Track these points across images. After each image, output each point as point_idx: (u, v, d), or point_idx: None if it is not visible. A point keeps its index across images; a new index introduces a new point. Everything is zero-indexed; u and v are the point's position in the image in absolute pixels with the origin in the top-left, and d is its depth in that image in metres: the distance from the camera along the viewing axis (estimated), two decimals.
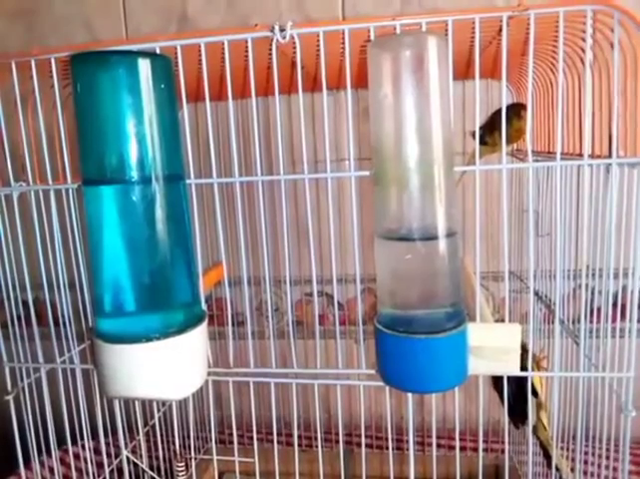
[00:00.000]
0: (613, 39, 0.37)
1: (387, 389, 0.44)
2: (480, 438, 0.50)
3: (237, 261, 0.47)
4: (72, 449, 0.54)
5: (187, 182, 0.43)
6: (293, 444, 0.53)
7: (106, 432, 0.54)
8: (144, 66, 0.38)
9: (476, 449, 0.71)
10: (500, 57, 0.39)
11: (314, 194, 0.72)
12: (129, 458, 0.55)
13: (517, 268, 0.67)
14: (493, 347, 0.41)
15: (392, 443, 0.48)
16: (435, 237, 0.38)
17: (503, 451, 0.58)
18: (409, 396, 0.45)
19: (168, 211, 0.40)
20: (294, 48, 0.40)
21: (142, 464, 0.58)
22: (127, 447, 0.55)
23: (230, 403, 0.51)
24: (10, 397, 0.50)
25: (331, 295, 0.85)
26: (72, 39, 0.82)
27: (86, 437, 0.54)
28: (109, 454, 0.57)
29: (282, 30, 0.39)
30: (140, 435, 0.59)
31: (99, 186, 0.39)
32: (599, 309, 0.44)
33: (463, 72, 0.57)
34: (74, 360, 0.52)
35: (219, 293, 0.77)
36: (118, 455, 0.55)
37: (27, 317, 0.50)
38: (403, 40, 0.37)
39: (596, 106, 0.41)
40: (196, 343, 0.42)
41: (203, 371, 0.44)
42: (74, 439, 0.54)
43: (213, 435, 0.54)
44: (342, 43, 0.40)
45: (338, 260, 0.50)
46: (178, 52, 0.41)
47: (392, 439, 0.48)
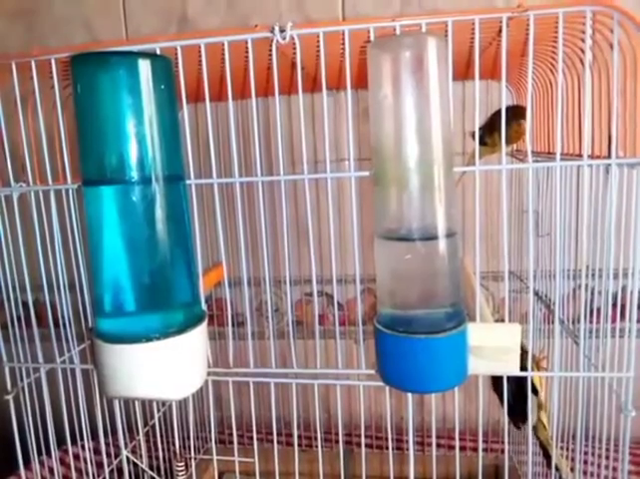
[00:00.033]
0: (613, 40, 0.37)
1: (387, 389, 0.44)
2: (480, 438, 0.50)
3: (237, 262, 0.47)
4: (72, 449, 0.54)
5: (187, 182, 0.43)
6: (293, 444, 0.53)
7: (106, 432, 0.54)
8: (144, 67, 0.38)
9: (475, 449, 0.71)
10: (500, 58, 0.39)
11: (314, 194, 0.72)
12: (128, 458, 0.55)
13: (517, 268, 0.67)
14: (493, 347, 0.41)
15: (392, 443, 0.48)
16: (434, 237, 0.38)
17: (503, 451, 0.58)
18: (409, 396, 0.45)
19: (168, 211, 0.40)
20: (294, 49, 0.40)
21: (141, 464, 0.58)
22: (126, 447, 0.55)
23: (230, 403, 0.51)
24: (10, 397, 0.50)
25: (331, 295, 0.85)
26: (72, 39, 0.82)
27: (86, 437, 0.54)
28: (108, 454, 0.57)
29: (282, 31, 0.39)
30: (139, 435, 0.59)
31: (99, 186, 0.39)
32: (599, 309, 0.44)
33: (462, 73, 0.57)
34: (74, 360, 0.52)
35: (219, 294, 0.77)
36: (117, 455, 0.55)
37: (27, 318, 0.50)
38: (403, 41, 0.37)
39: (596, 106, 0.41)
40: (196, 343, 0.42)
41: (203, 371, 0.44)
42: (74, 439, 0.54)
43: (213, 435, 0.54)
44: (342, 44, 0.40)
45: (338, 261, 0.50)
46: (179, 53, 0.41)
47: (392, 439, 0.48)
